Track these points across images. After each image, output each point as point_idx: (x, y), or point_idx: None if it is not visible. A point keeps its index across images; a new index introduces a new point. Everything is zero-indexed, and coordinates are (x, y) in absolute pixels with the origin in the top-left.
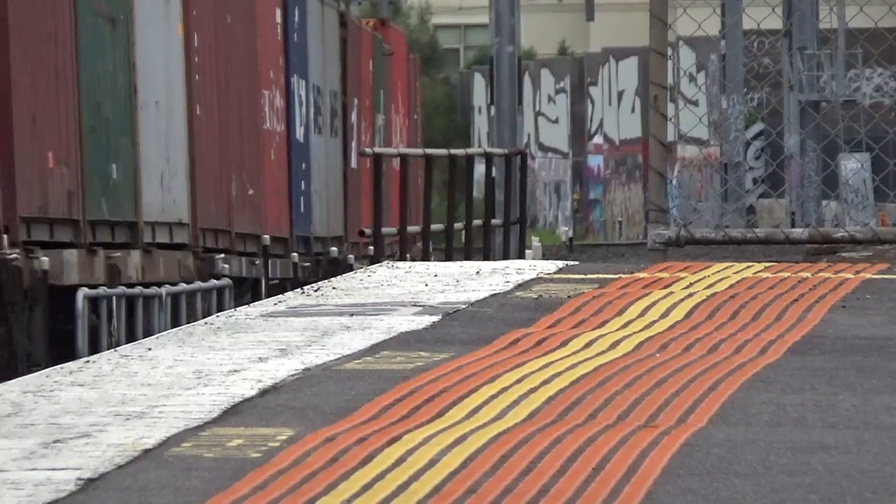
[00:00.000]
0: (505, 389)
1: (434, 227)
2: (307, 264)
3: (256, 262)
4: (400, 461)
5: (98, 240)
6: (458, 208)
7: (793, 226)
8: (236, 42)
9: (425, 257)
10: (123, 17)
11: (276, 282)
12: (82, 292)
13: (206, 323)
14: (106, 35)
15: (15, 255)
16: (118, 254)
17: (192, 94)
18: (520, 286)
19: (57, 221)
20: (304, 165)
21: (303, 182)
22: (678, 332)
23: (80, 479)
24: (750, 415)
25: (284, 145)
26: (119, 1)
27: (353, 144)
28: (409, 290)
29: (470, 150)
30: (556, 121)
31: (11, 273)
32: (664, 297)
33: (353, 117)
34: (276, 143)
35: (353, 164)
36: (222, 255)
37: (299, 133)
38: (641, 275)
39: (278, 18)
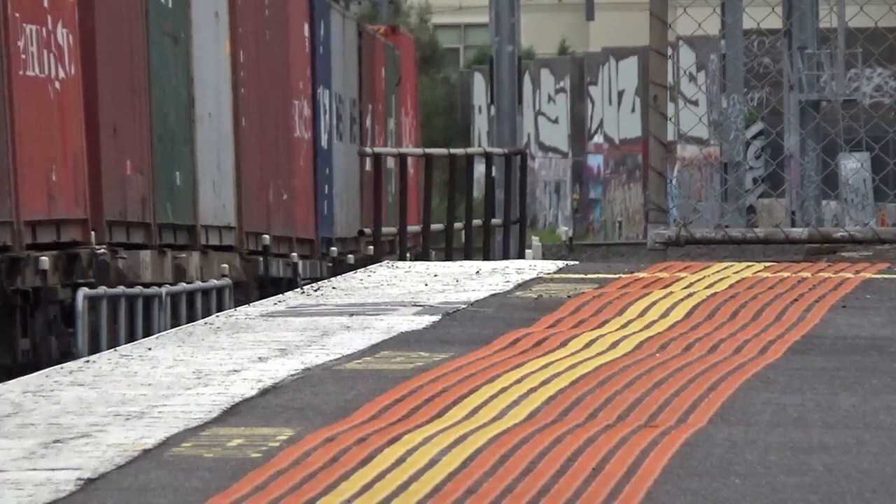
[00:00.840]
0: (505, 389)
1: (434, 226)
2: (331, 264)
3: (294, 263)
4: (400, 461)
5: (164, 242)
6: (458, 208)
7: (793, 225)
8: (273, 56)
9: (425, 257)
10: (184, 36)
11: (307, 282)
12: (82, 292)
13: (206, 323)
14: (170, 52)
15: (104, 251)
16: (183, 255)
17: (237, 106)
18: (520, 286)
19: (133, 224)
20: (327, 170)
21: (326, 186)
22: (678, 332)
23: (80, 479)
24: (750, 415)
25: (311, 152)
26: (180, 20)
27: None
28: (409, 290)
29: (470, 150)
30: (556, 121)
31: (101, 268)
32: (664, 297)
33: (368, 122)
34: (304, 150)
35: (368, 166)
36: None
37: (324, 140)
38: (641, 275)
39: (306, 32)
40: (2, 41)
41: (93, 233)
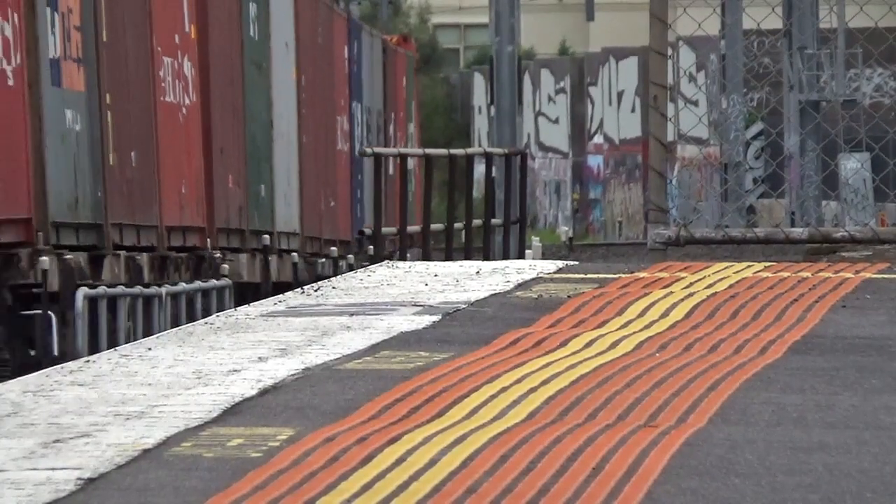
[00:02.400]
0: (505, 389)
1: (434, 226)
2: (366, 263)
3: (341, 264)
4: (400, 461)
5: (252, 246)
6: (458, 208)
7: (793, 226)
8: (323, 78)
9: (425, 257)
10: (265, 65)
11: None
12: (82, 292)
13: (206, 323)
14: (256, 79)
15: (219, 255)
16: (271, 257)
17: (300, 125)
18: (520, 286)
19: (232, 231)
20: (359, 177)
21: (358, 191)
22: (678, 332)
23: (80, 478)
24: (750, 415)
25: (348, 162)
26: (263, 51)
27: None
28: (409, 290)
29: (470, 150)
30: (556, 121)
31: (216, 269)
32: (664, 296)
33: (391, 129)
34: (343, 161)
35: (390, 171)
36: (323, 259)
37: (357, 150)
38: (641, 275)
39: (345, 54)
40: (149, 71)
41: (208, 239)
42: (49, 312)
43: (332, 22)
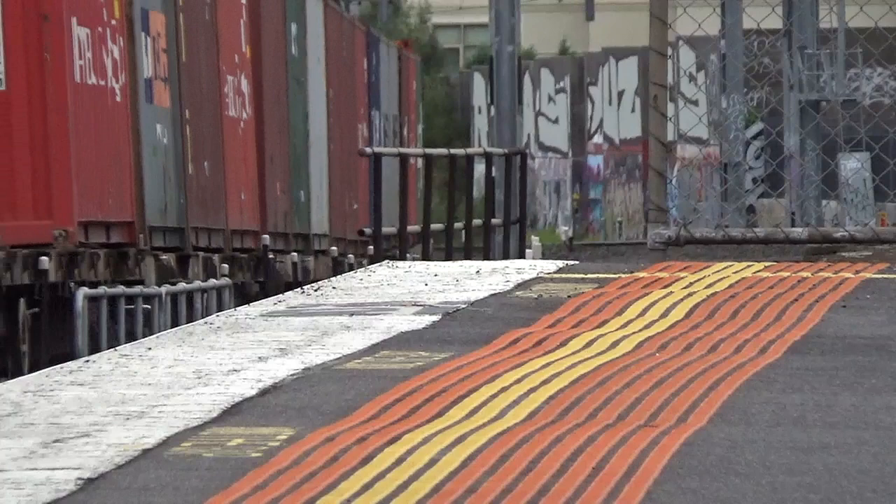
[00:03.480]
0: (505, 389)
1: (434, 226)
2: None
3: (364, 262)
4: (400, 461)
5: (294, 248)
6: (458, 208)
7: (793, 225)
8: (346, 89)
9: (425, 257)
10: (303, 80)
11: None
12: (82, 292)
13: (206, 323)
14: (296, 93)
15: (272, 256)
16: (308, 258)
17: (329, 134)
18: (520, 286)
19: (278, 234)
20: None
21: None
22: (678, 332)
23: (80, 478)
24: (750, 415)
25: (368, 167)
26: (302, 67)
27: None
28: (409, 290)
29: (470, 150)
30: (556, 121)
31: (272, 268)
32: (664, 296)
33: (406, 131)
34: (364, 166)
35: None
36: (349, 256)
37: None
38: (641, 275)
39: (365, 66)
40: (216, 88)
41: (261, 240)
42: (147, 306)
43: (354, 36)
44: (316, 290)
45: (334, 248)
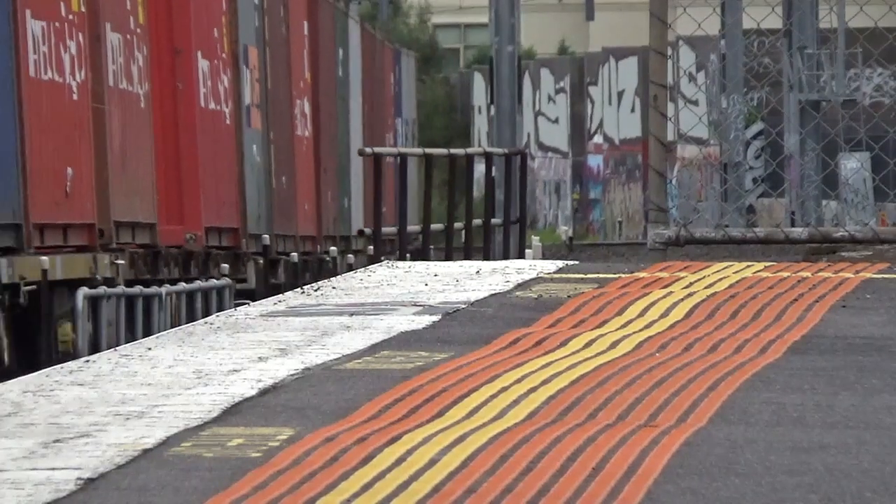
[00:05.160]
0: (505, 389)
1: (434, 226)
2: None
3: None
4: (400, 461)
5: (341, 249)
6: (458, 208)
7: (793, 225)
8: (377, 102)
9: (425, 257)
10: (346, 98)
11: None
12: (82, 292)
13: (206, 323)
14: (341, 110)
15: (328, 258)
16: (350, 257)
17: (364, 144)
18: (520, 286)
19: (328, 237)
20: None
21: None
22: (678, 332)
23: (80, 478)
24: (750, 415)
25: (394, 172)
26: (345, 86)
27: None
28: (409, 290)
29: (470, 150)
30: (556, 121)
31: (327, 266)
32: (664, 296)
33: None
34: (390, 172)
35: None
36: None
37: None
38: (641, 275)
39: (392, 79)
40: (289, 111)
41: (318, 245)
42: (247, 301)
43: (383, 53)
44: (316, 290)
45: (371, 247)
